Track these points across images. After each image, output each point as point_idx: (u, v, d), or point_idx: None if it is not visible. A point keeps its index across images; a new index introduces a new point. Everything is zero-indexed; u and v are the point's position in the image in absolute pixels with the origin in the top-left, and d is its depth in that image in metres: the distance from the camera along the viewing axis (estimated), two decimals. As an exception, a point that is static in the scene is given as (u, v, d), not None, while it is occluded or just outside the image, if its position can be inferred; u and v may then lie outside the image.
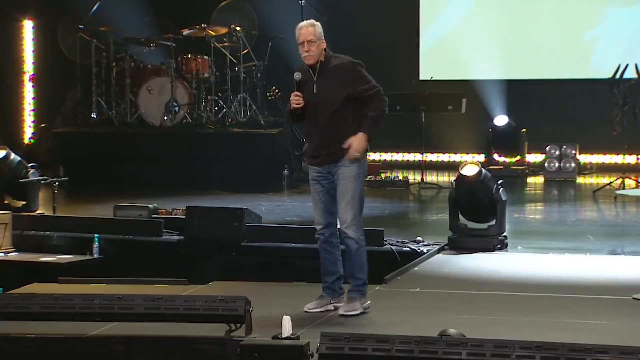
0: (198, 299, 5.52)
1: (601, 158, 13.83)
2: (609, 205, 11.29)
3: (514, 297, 6.91)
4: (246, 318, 5.39)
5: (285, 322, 5.21)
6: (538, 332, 5.86)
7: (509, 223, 9.21)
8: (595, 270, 7.71)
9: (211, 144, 13.10)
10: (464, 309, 6.52)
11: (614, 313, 6.35)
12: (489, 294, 7.00)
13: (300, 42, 6.30)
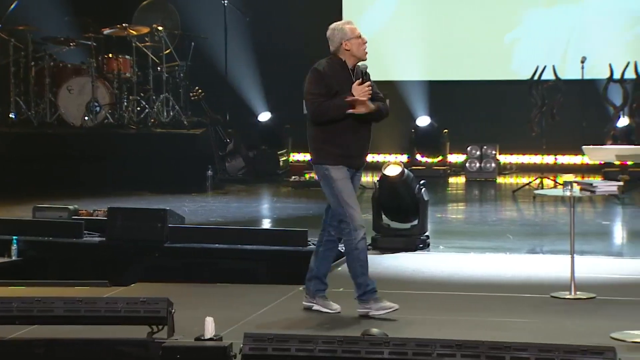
0: (119, 300, 5.46)
1: (520, 158, 14.05)
2: (528, 205, 11.48)
3: (437, 296, 6.98)
4: (168, 319, 5.35)
5: (208, 323, 5.19)
6: (460, 330, 5.93)
7: (431, 223, 9.30)
8: (515, 269, 7.83)
9: (133, 144, 12.96)
10: (388, 309, 6.56)
11: (533, 311, 6.46)
12: (412, 294, 7.06)
13: (358, 34, 6.27)
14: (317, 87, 6.18)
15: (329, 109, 6.15)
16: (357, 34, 6.27)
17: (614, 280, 7.37)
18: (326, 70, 6.23)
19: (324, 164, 6.23)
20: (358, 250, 6.24)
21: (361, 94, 6.15)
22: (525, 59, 13.35)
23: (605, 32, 13.15)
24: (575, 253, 6.96)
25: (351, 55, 6.26)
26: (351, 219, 6.18)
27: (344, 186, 6.21)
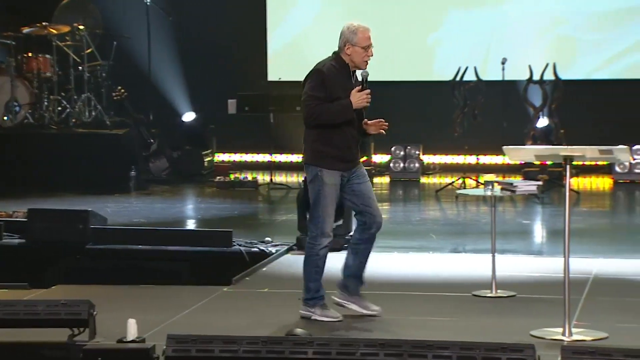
0: (39, 303, 5.37)
1: (443, 158, 14.20)
2: (450, 204, 11.61)
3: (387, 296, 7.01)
4: (90, 322, 5.28)
5: (130, 325, 5.13)
6: (384, 329, 5.97)
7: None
8: (437, 268, 7.91)
9: (55, 144, 12.77)
10: (312, 309, 6.57)
11: (455, 310, 6.53)
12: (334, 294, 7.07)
13: (367, 44, 6.20)
14: (317, 90, 6.12)
15: (323, 113, 6.11)
16: (365, 44, 6.17)
17: (534, 278, 7.49)
18: (329, 73, 6.15)
19: (318, 166, 6.19)
20: (318, 256, 6.24)
21: (359, 101, 6.13)
22: (448, 60, 13.50)
23: (525, 34, 13.37)
24: (497, 252, 7.06)
25: (351, 61, 6.24)
26: (322, 225, 6.19)
27: (330, 193, 6.18)
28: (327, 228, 6.21)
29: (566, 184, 5.89)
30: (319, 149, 6.18)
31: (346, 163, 6.22)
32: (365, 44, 6.18)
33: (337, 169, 6.18)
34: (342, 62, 6.21)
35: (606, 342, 5.63)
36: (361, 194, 6.26)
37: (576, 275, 6.89)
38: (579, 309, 6.34)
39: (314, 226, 6.23)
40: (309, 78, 6.20)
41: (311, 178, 6.25)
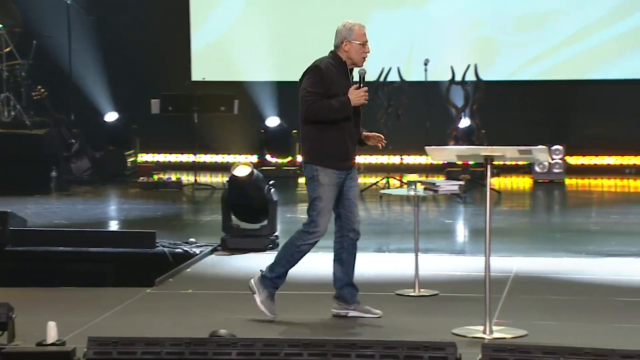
0: (-44, 307, 5.26)
1: (368, 158, 14.27)
2: (375, 204, 11.68)
3: (286, 296, 7.01)
4: (9, 325, 5.18)
5: (50, 328, 5.06)
6: (308, 330, 5.98)
7: (281, 223, 9.34)
8: (362, 267, 7.88)
9: (-27, 144, 12.52)
10: (237, 309, 6.56)
11: (379, 309, 6.55)
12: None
13: (364, 41, 6.25)
14: (316, 86, 6.09)
15: (322, 109, 6.09)
16: (363, 40, 6.23)
17: (456, 277, 7.58)
18: (327, 70, 6.14)
19: (315, 164, 6.15)
20: (299, 249, 6.25)
21: (357, 98, 6.14)
22: (371, 60, 13.52)
23: (447, 35, 13.52)
24: (420, 251, 7.12)
25: (348, 58, 6.24)
26: (314, 224, 6.17)
27: (327, 193, 6.15)
28: (318, 228, 6.19)
29: (487, 184, 5.97)
30: (317, 147, 6.17)
31: (344, 162, 6.21)
32: (362, 40, 6.26)
33: (334, 167, 6.17)
34: (339, 59, 6.24)
35: (525, 340, 5.72)
36: (347, 198, 6.27)
37: (497, 274, 7.00)
38: (499, 307, 6.43)
39: (307, 224, 6.22)
40: (307, 74, 6.20)
41: (309, 177, 6.24)
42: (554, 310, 6.52)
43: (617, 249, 8.54)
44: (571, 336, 5.84)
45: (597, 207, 11.33)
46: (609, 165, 13.75)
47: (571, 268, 7.84)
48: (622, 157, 13.75)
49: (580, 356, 4.27)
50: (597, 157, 13.78)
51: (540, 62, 13.58)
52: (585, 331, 5.98)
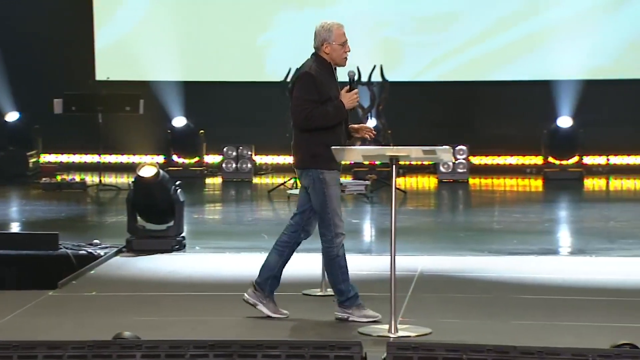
0: None
1: (276, 159, 14.29)
2: (283, 204, 11.69)
3: (192, 297, 6.97)
4: None
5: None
6: (214, 331, 5.95)
7: (188, 224, 9.29)
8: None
9: None
10: (142, 311, 6.50)
11: (286, 309, 6.55)
12: (167, 295, 7.02)
13: (344, 41, 6.25)
14: (310, 94, 6.11)
15: (319, 117, 6.10)
16: (342, 40, 6.24)
17: (363, 276, 7.61)
18: (318, 75, 6.15)
19: (319, 169, 6.13)
20: (339, 257, 6.21)
21: (350, 101, 6.18)
22: (278, 61, 13.59)
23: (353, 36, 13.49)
24: (326, 251, 7.14)
25: (330, 59, 6.24)
26: (335, 226, 6.17)
27: (335, 192, 6.18)
28: (339, 228, 6.18)
29: (392, 184, 6.03)
30: (317, 152, 6.15)
31: (339, 162, 6.25)
32: (342, 40, 6.28)
33: (337, 168, 6.22)
34: (323, 61, 6.25)
35: (429, 338, 5.80)
36: None
37: (402, 272, 7.07)
38: (404, 306, 6.50)
39: (327, 229, 6.19)
40: (299, 82, 6.22)
41: (312, 182, 6.20)
42: (458, 308, 6.62)
43: (518, 247, 8.71)
44: (474, 333, 5.93)
45: (499, 207, 11.54)
46: (511, 165, 14.03)
47: (474, 266, 7.97)
48: (523, 157, 14.05)
49: (482, 353, 4.34)
50: (500, 157, 14.05)
51: (444, 63, 13.77)
52: (488, 328, 6.09)
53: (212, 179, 13.85)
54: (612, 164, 13.86)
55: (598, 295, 6.95)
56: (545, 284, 7.29)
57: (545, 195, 12.67)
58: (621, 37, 13.57)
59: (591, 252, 8.46)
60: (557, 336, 5.86)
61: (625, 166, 13.82)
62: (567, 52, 13.46)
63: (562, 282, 7.37)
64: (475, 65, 13.80)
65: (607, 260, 8.16)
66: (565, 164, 13.55)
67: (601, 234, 9.49)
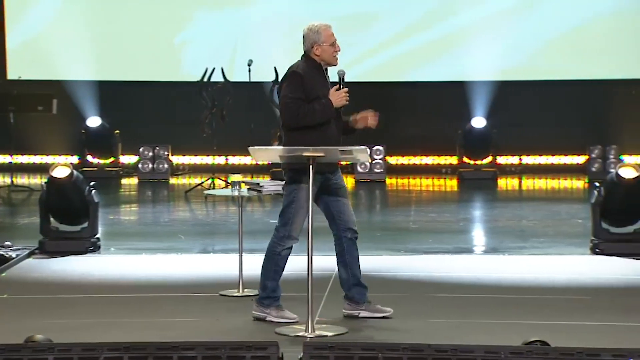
0: None
1: (193, 159, 14.21)
2: (200, 205, 11.64)
3: (108, 299, 6.89)
4: None
5: None
6: (128, 332, 5.89)
7: (103, 225, 9.18)
8: (185, 269, 7.91)
9: None
10: (55, 314, 6.40)
11: (203, 310, 6.55)
12: (81, 297, 6.93)
13: (333, 41, 6.23)
14: (296, 92, 6.09)
15: (305, 114, 6.08)
16: (331, 40, 6.22)
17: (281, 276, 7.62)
18: (306, 74, 6.12)
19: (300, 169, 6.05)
20: (280, 256, 6.21)
21: (338, 99, 6.15)
22: (195, 60, 13.52)
23: (270, 36, 13.61)
24: (244, 252, 7.14)
25: (321, 60, 6.21)
26: (291, 227, 6.16)
27: (305, 197, 6.07)
28: (294, 232, 6.18)
29: (310, 184, 6.04)
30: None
31: (329, 165, 6.18)
32: (331, 40, 6.26)
33: (321, 171, 6.14)
34: (313, 62, 6.23)
35: (346, 337, 5.83)
36: (337, 199, 6.27)
37: (319, 272, 7.08)
38: (321, 306, 6.52)
39: (282, 226, 6.18)
40: (286, 81, 6.19)
41: (290, 180, 6.18)
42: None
43: (434, 246, 8.81)
44: (390, 332, 5.99)
45: (415, 206, 11.66)
46: (427, 165, 14.20)
47: (391, 265, 8.04)
48: (439, 157, 14.23)
49: (398, 351, 4.38)
50: (416, 157, 14.20)
51: (361, 64, 13.85)
52: (404, 327, 6.14)
53: (128, 180, 13.71)
54: (525, 164, 14.13)
55: (510, 293, 7.07)
56: (460, 283, 7.39)
57: (460, 195, 12.86)
58: (533, 39, 13.84)
59: (504, 251, 8.60)
60: (470, 334, 5.94)
61: (537, 166, 14.10)
62: (481, 54, 13.67)
63: (476, 280, 7.48)
64: (392, 66, 13.92)
65: (520, 258, 8.31)
66: (480, 163, 13.76)
67: (514, 233, 9.66)
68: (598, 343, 5.33)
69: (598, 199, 8.27)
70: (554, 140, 13.85)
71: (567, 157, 14.06)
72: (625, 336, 5.90)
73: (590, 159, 13.54)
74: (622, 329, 6.11)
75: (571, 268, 7.86)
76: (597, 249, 8.23)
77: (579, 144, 13.68)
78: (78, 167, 12.76)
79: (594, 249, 8.26)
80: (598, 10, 13.74)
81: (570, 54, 13.83)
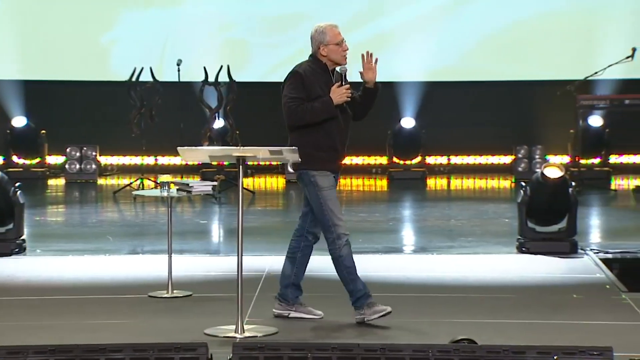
0: None
1: (122, 159, 14.07)
2: (129, 205, 11.54)
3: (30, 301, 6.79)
4: None
5: None
6: (56, 335, 5.81)
7: (29, 226, 9.06)
8: (114, 270, 7.83)
9: None
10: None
11: (131, 311, 6.50)
12: (5, 300, 6.82)
13: (340, 40, 6.21)
14: (297, 91, 6.09)
15: (306, 112, 6.07)
16: (338, 40, 6.19)
17: (211, 277, 7.61)
18: (307, 74, 6.11)
19: (309, 170, 6.10)
20: (342, 257, 6.15)
21: (339, 96, 6.10)
22: (123, 60, 13.39)
23: (199, 36, 13.55)
24: (174, 252, 7.11)
25: (329, 60, 6.18)
26: (335, 227, 6.12)
27: (329, 194, 6.13)
28: (340, 228, 6.13)
29: (240, 184, 6.04)
30: (309, 152, 6.07)
31: (334, 163, 6.20)
32: (337, 39, 6.24)
33: (328, 169, 6.16)
34: (319, 63, 6.21)
35: (276, 337, 5.83)
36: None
37: (250, 273, 7.09)
38: (251, 306, 6.52)
39: (328, 231, 6.16)
40: (287, 81, 6.17)
41: (306, 185, 6.17)
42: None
43: (364, 246, 8.85)
44: (319, 332, 6.01)
45: (346, 206, 11.69)
46: (357, 165, 14.27)
47: (321, 265, 8.01)
48: (369, 157, 14.31)
49: (327, 351, 4.40)
50: (346, 157, 14.24)
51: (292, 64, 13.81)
52: (333, 327, 6.17)
53: (55, 180, 13.53)
54: (453, 164, 14.28)
55: (438, 292, 7.15)
56: (389, 282, 7.44)
57: (390, 195, 12.95)
58: (462, 41, 13.99)
59: (433, 250, 8.68)
60: (399, 333, 5.99)
61: (465, 166, 14.27)
62: (411, 54, 13.77)
63: (405, 279, 7.54)
64: (322, 66, 13.95)
65: (448, 257, 8.40)
66: (409, 163, 13.87)
67: (442, 232, 9.76)
68: (524, 341, 5.42)
69: (524, 199, 8.40)
70: (481, 140, 14.03)
71: (494, 157, 14.24)
72: (551, 333, 6.01)
73: (516, 159, 13.74)
74: (548, 327, 6.22)
75: (498, 267, 7.97)
76: (523, 248, 8.36)
77: (506, 144, 13.88)
78: (3, 167, 12.55)
79: (520, 248, 8.39)
80: (525, 12, 13.95)
81: (497, 56, 14.01)
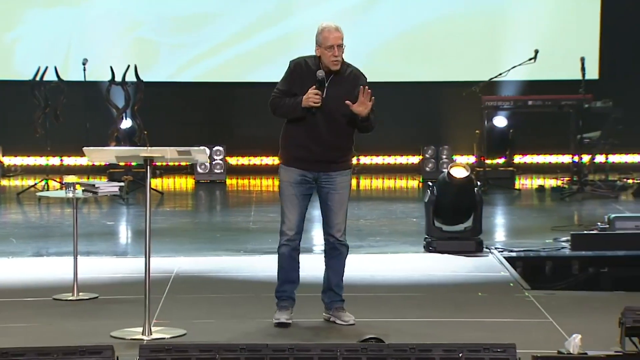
0: None
1: (26, 160, 13.80)
2: (33, 207, 11.33)
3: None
4: None
5: None
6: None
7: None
8: (18, 272, 7.69)
9: None
10: None
11: (35, 314, 6.39)
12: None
13: (329, 45, 6.05)
14: (281, 83, 6.17)
15: (278, 106, 6.13)
16: (328, 44, 6.06)
17: (118, 279, 7.53)
18: (298, 68, 6.11)
19: (280, 160, 6.20)
20: (279, 254, 6.19)
21: (305, 100, 6.03)
22: (27, 59, 13.14)
23: (106, 35, 13.36)
24: (80, 254, 7.01)
25: (322, 61, 6.12)
26: (281, 223, 6.17)
27: (285, 189, 6.15)
28: (283, 226, 6.13)
29: (147, 184, 5.99)
30: (281, 145, 6.19)
31: (303, 162, 6.10)
32: (328, 44, 6.08)
33: (294, 166, 6.10)
34: (317, 61, 6.16)
35: (184, 339, 5.80)
36: (325, 203, 6.18)
37: (158, 274, 7.04)
38: (159, 308, 6.47)
39: (281, 224, 6.18)
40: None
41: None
42: (213, 308, 6.65)
43: (273, 246, 8.70)
44: (229, 333, 5.99)
45: (256, 206, 11.69)
46: (267, 165, 14.26)
47: (231, 266, 8.04)
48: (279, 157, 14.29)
49: (236, 352, 4.40)
50: (256, 157, 14.24)
51: (200, 64, 13.78)
52: (242, 328, 6.17)
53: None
54: (362, 164, 14.38)
55: (347, 291, 7.16)
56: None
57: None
58: (368, 41, 14.07)
59: (342, 250, 8.72)
60: (308, 333, 6.01)
61: (374, 165, 14.38)
62: (318, 55, 13.82)
63: (314, 279, 7.56)
64: (231, 66, 13.90)
65: (357, 257, 8.43)
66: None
67: (351, 232, 9.73)
68: (431, 339, 5.49)
69: (431, 198, 8.51)
70: (389, 140, 14.15)
71: (402, 157, 14.39)
72: (457, 331, 6.10)
73: (424, 159, 13.90)
74: (454, 324, 6.32)
75: (406, 266, 8.06)
76: (431, 247, 8.47)
77: (414, 144, 14.03)
78: None
79: (428, 247, 8.50)
80: (431, 14, 14.12)
81: (404, 57, 14.15)
